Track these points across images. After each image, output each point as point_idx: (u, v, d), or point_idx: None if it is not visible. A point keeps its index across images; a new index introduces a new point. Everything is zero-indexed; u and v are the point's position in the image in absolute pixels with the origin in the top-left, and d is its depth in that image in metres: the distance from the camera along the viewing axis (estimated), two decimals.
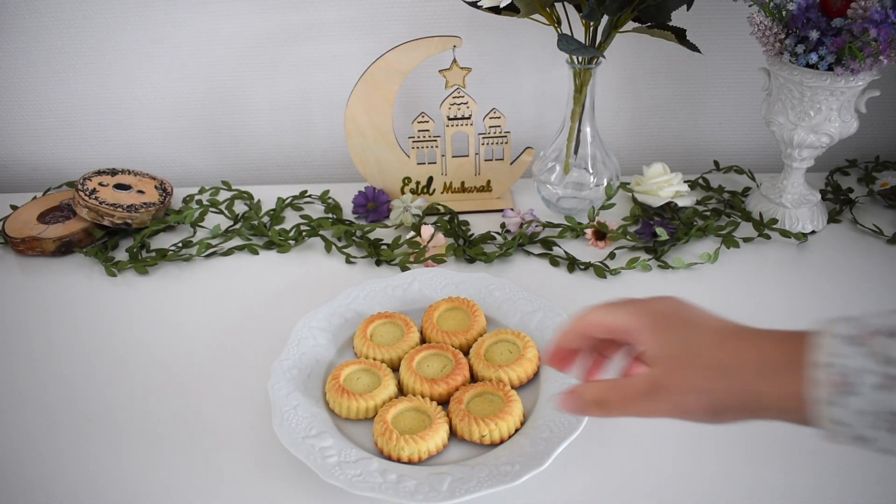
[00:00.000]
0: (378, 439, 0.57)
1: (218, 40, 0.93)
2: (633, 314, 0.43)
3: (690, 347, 0.40)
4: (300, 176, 1.05)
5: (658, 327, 0.42)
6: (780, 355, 0.37)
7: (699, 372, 0.39)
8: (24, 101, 0.98)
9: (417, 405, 0.60)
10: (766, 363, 0.37)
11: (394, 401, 0.60)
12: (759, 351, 0.38)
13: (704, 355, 0.39)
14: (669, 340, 0.41)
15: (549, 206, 0.91)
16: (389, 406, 0.59)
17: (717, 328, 0.41)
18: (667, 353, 0.41)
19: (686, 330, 0.41)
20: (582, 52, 0.74)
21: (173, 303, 0.76)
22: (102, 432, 0.61)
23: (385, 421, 0.57)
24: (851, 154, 1.01)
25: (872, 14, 0.67)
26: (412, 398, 0.60)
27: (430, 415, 0.59)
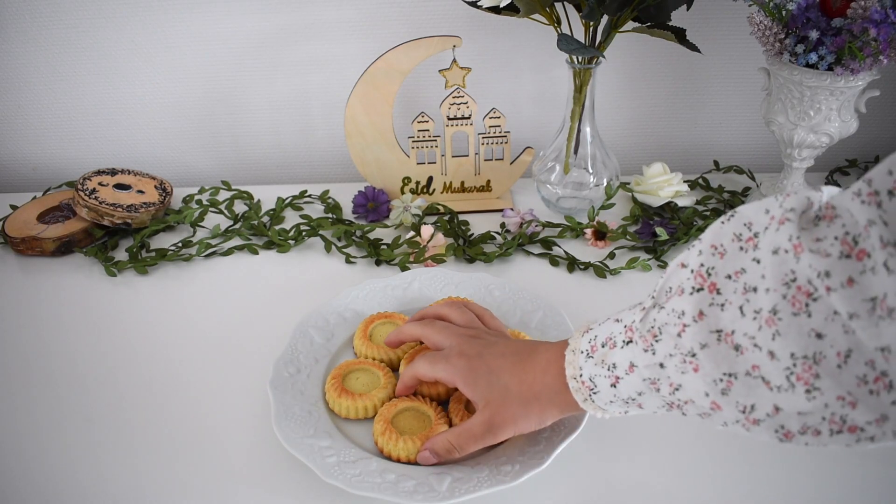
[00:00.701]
0: (378, 439, 0.57)
1: (218, 40, 0.93)
2: (447, 372, 0.54)
3: (499, 387, 0.52)
4: (300, 176, 1.05)
5: (468, 379, 0.53)
6: (558, 380, 0.50)
7: (515, 405, 0.51)
8: (24, 101, 0.98)
9: (417, 405, 0.60)
10: (552, 387, 0.50)
11: (394, 401, 0.60)
12: (545, 379, 0.50)
13: (513, 391, 0.51)
14: (481, 388, 0.52)
15: (548, 205, 0.91)
16: (390, 406, 0.59)
17: (510, 366, 0.52)
18: (485, 398, 0.52)
19: (488, 374, 0.52)
20: (582, 52, 0.74)
21: (173, 303, 0.76)
22: (102, 432, 0.61)
23: (385, 420, 0.58)
24: (851, 154, 1.01)
25: (872, 14, 0.67)
26: (412, 398, 0.60)
27: (430, 415, 0.59)
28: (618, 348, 0.45)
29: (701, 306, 0.40)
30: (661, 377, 0.42)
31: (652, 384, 0.43)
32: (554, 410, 0.51)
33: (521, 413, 0.51)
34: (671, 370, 0.41)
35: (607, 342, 0.46)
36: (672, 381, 0.42)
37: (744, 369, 0.38)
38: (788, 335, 0.35)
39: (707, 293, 0.39)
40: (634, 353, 0.44)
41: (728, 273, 0.39)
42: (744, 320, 0.37)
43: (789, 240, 0.35)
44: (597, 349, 0.47)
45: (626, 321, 0.45)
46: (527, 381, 0.51)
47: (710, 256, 0.40)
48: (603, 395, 0.47)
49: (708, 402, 0.40)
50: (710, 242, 0.40)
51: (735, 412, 0.39)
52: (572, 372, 0.48)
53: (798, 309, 0.35)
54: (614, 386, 0.45)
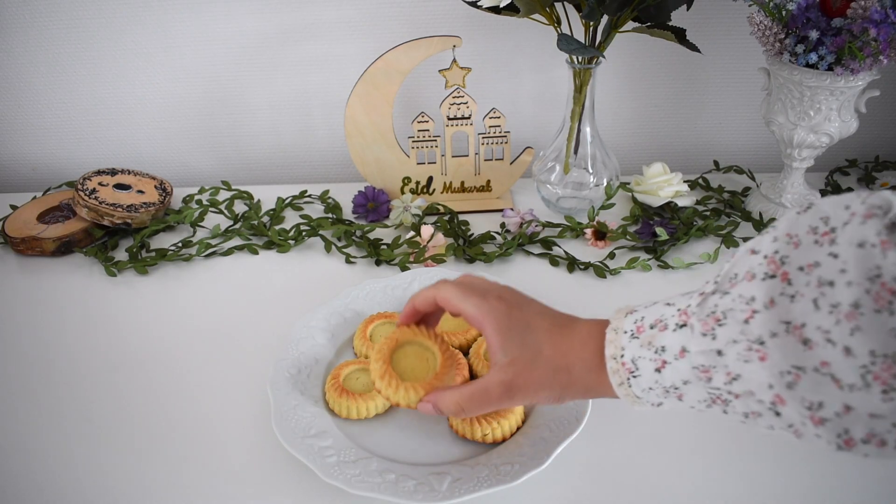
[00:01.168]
0: (377, 381, 0.52)
1: (218, 40, 0.93)
2: (480, 310, 0.49)
3: (532, 347, 0.47)
4: (300, 176, 1.05)
5: (500, 328, 0.48)
6: (595, 357, 0.46)
7: (543, 372, 0.47)
8: (24, 101, 0.98)
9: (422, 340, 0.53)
10: (588, 362, 0.46)
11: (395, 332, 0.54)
12: (582, 352, 0.46)
13: (545, 354, 0.47)
14: (512, 342, 0.48)
15: (548, 205, 0.91)
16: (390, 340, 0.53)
17: (548, 327, 0.48)
18: (513, 355, 0.47)
19: (525, 333, 0.48)
20: (582, 52, 0.74)
21: (173, 303, 0.76)
22: (102, 432, 0.61)
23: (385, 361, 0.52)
24: (851, 154, 1.01)
25: (872, 14, 0.67)
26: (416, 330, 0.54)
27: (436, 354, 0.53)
28: (669, 331, 0.42)
29: (772, 294, 0.37)
30: (717, 365, 0.39)
31: (703, 373, 0.40)
32: (578, 388, 0.47)
33: (546, 381, 0.47)
34: (731, 358, 0.39)
35: (656, 324, 0.43)
36: (730, 370, 0.39)
37: (812, 364, 0.36)
38: (869, 331, 0.34)
39: (779, 281, 0.37)
40: (688, 337, 0.41)
41: (800, 265, 0.37)
42: (818, 314, 0.36)
43: (877, 234, 0.34)
44: (643, 330, 0.43)
45: (679, 305, 0.43)
46: (562, 348, 0.47)
47: (786, 244, 0.38)
48: (643, 381, 0.43)
49: (771, 394, 0.38)
50: (785, 230, 0.38)
51: (800, 408, 0.37)
52: (613, 351, 0.45)
53: (881, 306, 0.34)
54: (658, 371, 0.42)
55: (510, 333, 0.48)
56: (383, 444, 0.58)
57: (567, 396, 0.47)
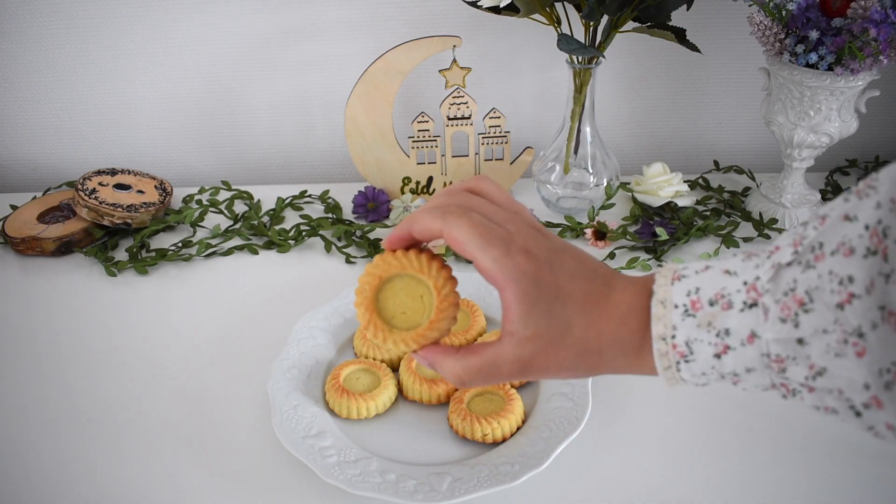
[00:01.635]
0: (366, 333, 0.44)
1: (218, 40, 0.93)
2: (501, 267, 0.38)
3: (560, 322, 0.38)
4: (300, 176, 1.05)
5: (525, 296, 0.38)
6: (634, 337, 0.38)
7: (569, 352, 0.39)
8: (24, 101, 0.98)
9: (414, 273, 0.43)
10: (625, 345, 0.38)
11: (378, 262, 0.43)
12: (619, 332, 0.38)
13: (575, 335, 0.39)
14: (538, 314, 0.38)
15: (549, 205, 0.91)
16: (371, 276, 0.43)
17: (582, 297, 0.39)
18: (537, 329, 0.38)
19: (553, 303, 0.39)
20: (582, 52, 0.74)
21: (173, 303, 0.76)
22: (102, 432, 0.61)
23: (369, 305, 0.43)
24: (851, 154, 1.01)
25: (872, 14, 0.67)
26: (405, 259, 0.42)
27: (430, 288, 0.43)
28: (735, 311, 0.35)
29: (873, 275, 0.31)
30: (797, 356, 0.33)
31: (776, 362, 0.34)
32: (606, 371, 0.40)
33: (570, 363, 0.39)
34: (817, 350, 0.32)
35: (717, 300, 0.35)
36: (814, 363, 0.33)
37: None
38: None
39: (880, 259, 0.31)
40: (760, 320, 0.34)
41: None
42: None
43: None
44: (700, 307, 0.36)
45: (745, 276, 0.35)
46: (596, 326, 0.39)
47: (889, 213, 0.31)
48: (698, 366, 0.36)
49: (866, 396, 0.32)
50: (890, 195, 0.31)
51: None
52: (661, 331, 0.37)
53: None
54: (718, 357, 0.35)
55: (536, 304, 0.38)
56: (383, 444, 0.58)
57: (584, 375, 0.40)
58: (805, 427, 0.58)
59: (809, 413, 0.59)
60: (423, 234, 0.41)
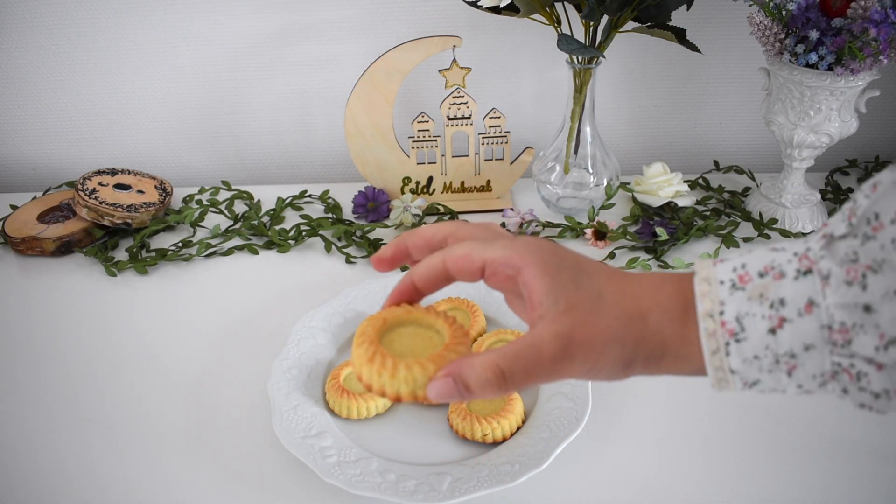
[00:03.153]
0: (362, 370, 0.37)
1: (218, 40, 0.93)
2: (512, 249, 0.36)
3: (591, 290, 0.35)
4: (300, 176, 1.05)
5: (546, 266, 0.35)
6: (675, 303, 0.35)
7: (610, 319, 0.34)
8: (24, 101, 0.98)
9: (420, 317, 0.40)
10: (668, 311, 0.35)
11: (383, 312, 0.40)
12: (658, 296, 0.35)
13: (609, 299, 0.35)
14: (564, 283, 0.35)
15: (549, 205, 0.91)
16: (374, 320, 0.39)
17: (606, 268, 0.37)
18: (567, 300, 0.34)
19: (577, 271, 0.36)
20: (582, 52, 0.74)
21: (173, 303, 0.76)
22: (102, 432, 0.61)
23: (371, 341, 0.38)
24: (851, 154, 1.01)
25: (872, 14, 0.67)
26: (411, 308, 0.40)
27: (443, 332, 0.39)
28: (789, 279, 0.32)
29: None
30: (864, 324, 0.30)
31: (839, 333, 0.31)
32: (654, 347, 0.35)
33: (614, 332, 0.34)
34: (887, 316, 0.30)
35: (767, 272, 0.33)
36: (884, 331, 0.30)
37: None
38: None
39: None
40: (818, 286, 0.31)
41: None
42: None
43: None
44: (750, 279, 0.33)
45: (794, 249, 0.33)
46: (630, 291, 0.35)
47: None
48: (750, 345, 0.33)
49: None
50: None
51: None
52: (709, 307, 0.33)
53: None
54: (773, 332, 0.32)
55: (559, 274, 0.35)
56: (383, 444, 0.58)
57: (639, 360, 0.35)
58: (805, 426, 0.58)
59: (809, 412, 0.59)
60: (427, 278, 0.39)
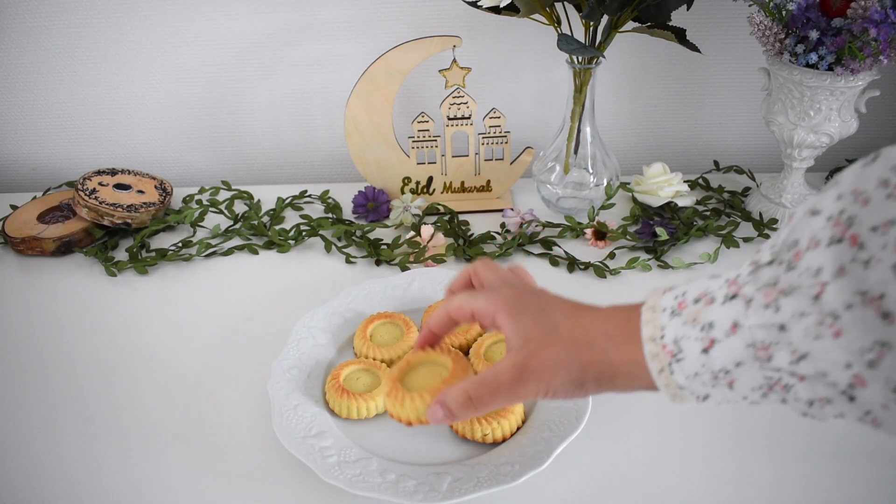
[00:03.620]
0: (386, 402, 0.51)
1: (218, 40, 0.93)
2: (489, 300, 0.46)
3: (547, 325, 0.43)
4: (300, 176, 1.05)
5: (512, 311, 0.44)
6: (622, 330, 0.40)
7: (561, 347, 0.42)
8: (24, 101, 0.98)
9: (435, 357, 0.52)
10: (614, 337, 0.41)
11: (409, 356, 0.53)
12: (606, 325, 0.41)
13: (562, 331, 0.42)
14: (525, 322, 0.43)
15: (548, 205, 0.91)
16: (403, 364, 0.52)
17: (568, 307, 0.44)
18: (525, 335, 0.43)
19: (538, 311, 0.44)
20: (582, 52, 0.74)
21: (173, 303, 0.76)
22: (102, 432, 0.61)
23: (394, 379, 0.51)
24: (851, 154, 1.01)
25: (872, 14, 0.67)
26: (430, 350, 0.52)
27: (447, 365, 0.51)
28: (717, 304, 0.37)
29: (842, 261, 0.32)
30: (779, 341, 0.34)
31: (761, 350, 0.35)
32: (603, 368, 0.41)
33: (564, 359, 0.41)
34: (797, 334, 0.33)
35: (701, 298, 0.38)
36: (796, 347, 0.34)
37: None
38: None
39: (848, 246, 0.32)
40: (741, 309, 0.36)
41: (873, 224, 0.32)
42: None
43: None
44: (686, 306, 0.38)
45: (726, 276, 0.38)
46: (582, 322, 0.42)
47: (852, 202, 0.33)
48: (688, 364, 0.37)
49: (848, 375, 0.33)
50: (850, 186, 0.33)
51: (884, 390, 0.32)
52: (651, 332, 0.39)
53: None
54: (706, 351, 0.37)
55: (522, 315, 0.44)
56: (383, 444, 0.58)
57: (589, 379, 0.41)
58: (804, 427, 0.58)
59: None
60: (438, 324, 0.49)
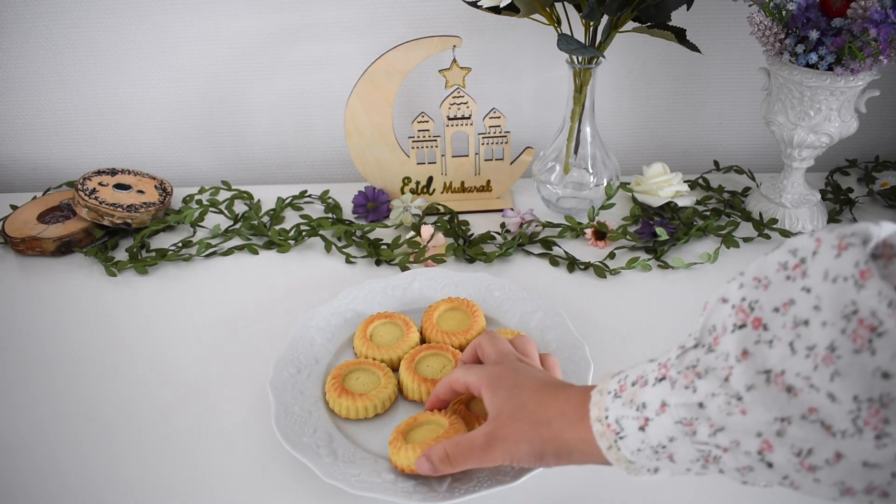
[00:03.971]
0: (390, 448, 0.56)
1: (218, 40, 0.93)
2: (477, 376, 0.52)
3: (517, 402, 0.49)
4: (300, 176, 1.05)
5: (492, 386, 0.51)
6: (576, 411, 0.46)
7: (524, 424, 0.48)
8: (24, 101, 0.98)
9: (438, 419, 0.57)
10: (568, 418, 0.46)
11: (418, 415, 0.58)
12: (563, 407, 0.47)
13: (528, 410, 0.48)
14: (500, 398, 0.50)
15: (548, 205, 0.91)
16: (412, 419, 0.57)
17: (537, 387, 0.50)
18: (498, 409, 0.50)
19: (513, 389, 0.50)
20: (582, 52, 0.74)
21: (173, 303, 0.76)
22: (102, 432, 0.61)
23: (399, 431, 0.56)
24: (851, 154, 1.01)
25: (872, 14, 0.67)
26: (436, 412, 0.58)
27: (444, 425, 0.56)
28: (649, 386, 0.41)
29: (745, 344, 0.36)
30: (699, 417, 0.38)
31: (686, 426, 0.38)
32: (560, 444, 0.46)
33: (524, 434, 0.47)
34: (713, 410, 0.37)
35: (638, 381, 0.42)
36: (713, 421, 0.37)
37: (799, 413, 0.34)
38: (850, 375, 0.32)
39: (751, 329, 0.36)
40: (668, 390, 0.40)
41: (775, 306, 0.35)
42: (795, 359, 0.34)
43: (854, 266, 0.32)
44: (626, 388, 0.43)
45: (660, 360, 0.42)
46: (544, 403, 0.48)
47: (753, 289, 0.36)
48: (630, 441, 0.42)
49: (758, 442, 0.36)
50: (752, 275, 0.37)
51: (789, 455, 0.35)
52: (597, 413, 0.44)
53: (860, 346, 0.32)
54: (642, 429, 0.41)
55: (498, 391, 0.50)
56: (383, 444, 0.58)
57: (548, 453, 0.47)
58: None
59: None
60: (445, 392, 0.56)
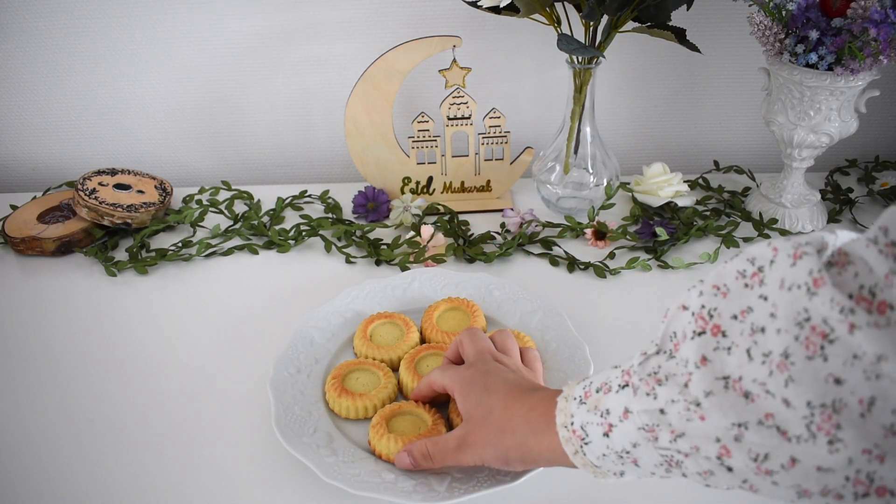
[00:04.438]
0: (370, 431, 0.57)
1: (218, 40, 0.93)
2: (451, 379, 0.54)
3: (486, 408, 0.50)
4: (300, 176, 1.05)
5: (464, 390, 0.53)
6: (542, 419, 0.46)
7: (491, 430, 0.49)
8: (24, 101, 0.98)
9: (420, 412, 0.59)
10: (534, 426, 0.47)
11: (400, 403, 0.60)
12: (529, 415, 0.47)
13: (495, 416, 0.49)
14: (471, 402, 0.51)
15: (548, 205, 0.91)
16: (394, 406, 0.59)
17: (506, 391, 0.50)
18: (468, 413, 0.51)
19: (482, 393, 0.51)
20: (582, 52, 0.74)
21: (173, 303, 0.76)
22: (102, 432, 0.61)
23: (382, 416, 0.58)
24: (851, 154, 1.01)
25: (872, 14, 0.67)
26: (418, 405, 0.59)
27: (427, 421, 0.58)
28: (612, 392, 0.42)
29: (704, 351, 0.37)
30: (660, 423, 0.39)
31: (649, 432, 0.39)
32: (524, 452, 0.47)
33: (491, 441, 0.49)
34: (673, 417, 0.38)
35: (602, 387, 0.43)
36: (674, 427, 0.38)
37: (756, 418, 0.35)
38: (803, 381, 0.33)
39: (710, 336, 0.37)
40: (630, 397, 0.40)
41: (733, 313, 0.36)
42: (752, 365, 0.35)
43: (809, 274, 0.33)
44: (590, 395, 0.44)
45: (624, 366, 0.43)
46: (510, 410, 0.49)
47: (712, 297, 0.37)
48: (595, 447, 0.43)
49: (717, 447, 0.37)
50: (712, 283, 0.38)
51: (746, 459, 0.36)
52: (563, 419, 0.45)
53: (812, 352, 0.32)
54: (607, 435, 0.42)
55: (469, 395, 0.52)
56: None
57: (514, 459, 0.48)
58: None
59: None
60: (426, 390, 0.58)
